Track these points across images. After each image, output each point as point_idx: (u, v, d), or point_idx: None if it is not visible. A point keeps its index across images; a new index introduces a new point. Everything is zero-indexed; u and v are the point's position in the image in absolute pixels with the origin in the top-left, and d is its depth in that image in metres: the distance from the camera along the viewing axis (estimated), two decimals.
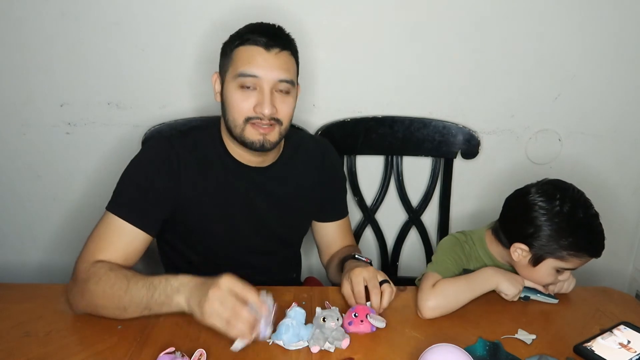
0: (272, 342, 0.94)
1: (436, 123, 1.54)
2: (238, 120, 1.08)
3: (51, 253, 1.65)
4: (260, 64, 1.06)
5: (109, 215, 1.06)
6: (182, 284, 0.93)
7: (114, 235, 1.04)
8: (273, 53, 1.06)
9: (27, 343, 0.93)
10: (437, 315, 1.05)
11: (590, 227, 1.06)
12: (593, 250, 1.07)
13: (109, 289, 0.96)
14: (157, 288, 0.94)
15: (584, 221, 1.06)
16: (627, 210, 1.73)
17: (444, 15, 1.47)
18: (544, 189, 1.09)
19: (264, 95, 1.06)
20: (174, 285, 0.93)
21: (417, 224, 1.65)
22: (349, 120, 1.53)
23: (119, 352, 0.91)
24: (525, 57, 1.52)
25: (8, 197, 1.59)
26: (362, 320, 0.98)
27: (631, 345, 0.97)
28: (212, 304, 0.86)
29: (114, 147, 1.53)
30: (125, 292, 0.95)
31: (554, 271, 1.10)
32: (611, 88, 1.58)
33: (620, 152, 1.66)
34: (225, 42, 1.13)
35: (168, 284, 0.94)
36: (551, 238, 1.06)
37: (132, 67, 1.46)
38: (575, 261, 1.07)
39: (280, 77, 1.07)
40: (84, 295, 0.98)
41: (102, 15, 1.41)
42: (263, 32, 1.07)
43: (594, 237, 1.07)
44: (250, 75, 1.06)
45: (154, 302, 0.94)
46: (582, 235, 1.05)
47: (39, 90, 1.47)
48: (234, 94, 1.08)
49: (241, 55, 1.07)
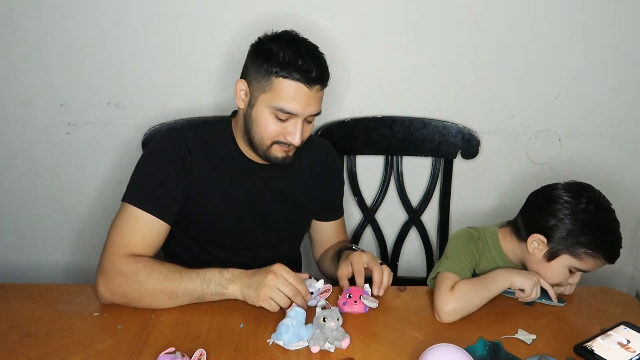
0: (272, 342, 0.95)
1: (436, 123, 1.54)
2: (266, 141, 1.12)
3: (51, 253, 1.65)
4: (301, 102, 1.07)
5: (127, 207, 1.08)
6: (235, 276, 1.03)
7: (135, 225, 1.07)
8: (314, 91, 1.08)
9: (27, 343, 0.93)
10: (455, 319, 1.04)
11: (611, 229, 1.08)
12: (610, 252, 1.08)
13: (163, 281, 1.02)
14: (212, 280, 1.03)
15: (606, 222, 1.08)
16: (627, 210, 1.73)
17: (444, 16, 1.47)
18: (572, 187, 1.11)
19: (296, 128, 1.10)
20: (227, 277, 1.03)
21: (417, 224, 1.65)
22: (349, 120, 1.53)
23: (120, 352, 0.92)
24: (525, 57, 1.52)
25: (8, 197, 1.59)
26: (355, 301, 1.03)
27: (631, 345, 0.97)
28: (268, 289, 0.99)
29: (113, 147, 1.53)
30: (179, 283, 1.02)
31: (567, 270, 1.10)
32: (611, 88, 1.58)
33: (620, 152, 1.66)
34: (260, 55, 1.08)
35: (222, 276, 1.03)
36: (571, 233, 1.06)
37: (132, 67, 1.46)
38: (589, 262, 1.08)
39: (314, 112, 1.11)
40: (131, 286, 1.02)
41: (102, 15, 1.41)
42: (309, 70, 1.05)
43: (614, 240, 1.08)
44: (288, 112, 1.08)
45: (209, 293, 1.03)
46: (602, 236, 1.07)
47: (39, 90, 1.47)
48: (266, 117, 1.09)
49: (283, 88, 1.06)
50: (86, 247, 1.64)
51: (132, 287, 1.02)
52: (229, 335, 0.96)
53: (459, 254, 1.12)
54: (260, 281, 1.00)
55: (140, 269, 1.02)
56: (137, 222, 1.07)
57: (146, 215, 1.07)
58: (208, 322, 1.00)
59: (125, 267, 1.03)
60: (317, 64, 1.08)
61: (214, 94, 1.49)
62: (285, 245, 1.31)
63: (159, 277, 1.02)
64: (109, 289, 1.03)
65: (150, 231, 1.08)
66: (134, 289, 1.02)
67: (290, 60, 1.05)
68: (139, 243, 1.06)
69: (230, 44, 1.44)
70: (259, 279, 1.01)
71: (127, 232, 1.07)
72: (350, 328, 1.00)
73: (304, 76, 1.05)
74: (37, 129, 1.51)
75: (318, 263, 1.40)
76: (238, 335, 0.96)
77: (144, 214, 1.07)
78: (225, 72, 1.46)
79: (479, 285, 1.08)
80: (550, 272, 1.10)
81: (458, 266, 1.10)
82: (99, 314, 1.02)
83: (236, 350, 0.92)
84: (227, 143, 1.19)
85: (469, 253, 1.13)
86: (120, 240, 1.06)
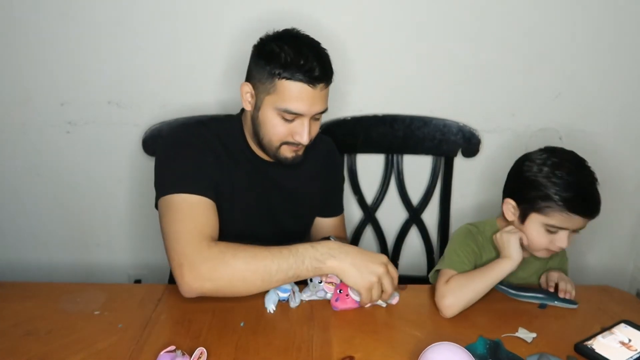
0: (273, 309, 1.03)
1: (437, 121, 1.54)
2: (275, 142, 1.12)
3: (51, 252, 1.66)
4: (306, 102, 1.06)
5: (173, 198, 1.03)
6: (334, 250, 1.01)
7: (193, 210, 1.03)
8: (318, 90, 1.07)
9: (28, 342, 0.93)
10: (456, 311, 1.04)
11: (573, 180, 1.05)
12: (571, 203, 1.03)
13: (252, 260, 0.97)
14: (306, 256, 0.99)
15: (566, 172, 1.05)
16: (628, 208, 1.73)
17: (444, 14, 1.47)
18: (543, 149, 1.12)
19: (304, 127, 1.09)
20: (323, 251, 1.00)
21: (418, 223, 1.65)
22: (350, 118, 1.53)
23: (120, 350, 0.92)
24: (526, 56, 1.52)
25: (8, 196, 1.59)
26: (347, 295, 1.05)
27: (632, 344, 0.97)
28: (376, 280, 1.00)
29: (114, 146, 1.53)
30: (271, 261, 0.98)
31: (543, 229, 1.08)
32: (612, 86, 1.58)
33: (621, 151, 1.65)
34: (263, 57, 1.08)
35: (316, 251, 1.00)
36: (531, 187, 1.06)
37: (132, 66, 1.46)
38: (558, 216, 1.05)
39: (320, 110, 1.10)
40: (219, 271, 0.96)
41: (102, 15, 1.41)
42: (311, 70, 1.04)
43: (575, 190, 1.04)
44: (294, 113, 1.07)
45: (305, 269, 0.99)
46: (562, 186, 1.04)
47: (39, 89, 1.47)
48: (273, 119, 1.09)
49: (287, 89, 1.05)
50: (87, 246, 1.65)
51: (221, 270, 0.96)
52: (230, 334, 0.97)
53: (457, 250, 1.14)
54: (373, 268, 1.00)
55: (223, 250, 0.98)
56: (193, 207, 1.03)
57: (197, 198, 1.04)
58: (209, 320, 1.00)
59: (207, 252, 0.97)
60: (319, 62, 1.07)
61: (214, 92, 1.49)
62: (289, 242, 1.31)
63: (246, 256, 0.97)
64: (197, 278, 0.96)
65: (208, 211, 1.05)
66: (223, 272, 0.96)
67: (292, 61, 1.04)
68: (206, 225, 1.02)
69: (231, 43, 1.44)
70: (370, 264, 1.00)
71: (189, 218, 1.01)
72: (350, 326, 1.01)
73: (307, 76, 1.04)
74: (37, 128, 1.51)
75: None
76: (239, 334, 0.96)
77: (194, 197, 1.03)
78: (226, 70, 1.46)
79: (475, 275, 1.08)
80: (530, 236, 1.10)
81: (455, 261, 1.12)
82: (100, 312, 1.02)
83: (236, 349, 0.92)
84: (239, 140, 1.18)
85: (468, 248, 1.14)
86: (188, 228, 1.00)
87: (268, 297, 1.05)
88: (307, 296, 1.08)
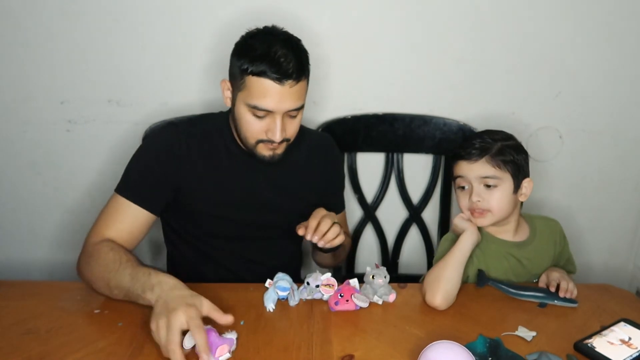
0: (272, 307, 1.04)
1: (437, 120, 1.54)
2: (250, 140, 1.13)
3: (52, 250, 1.66)
4: (274, 98, 1.06)
5: (116, 196, 1.14)
6: (159, 283, 0.93)
7: (120, 214, 1.12)
8: (287, 86, 1.06)
9: (28, 340, 0.93)
10: (442, 300, 1.05)
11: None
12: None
13: (103, 269, 1.01)
14: (138, 281, 0.95)
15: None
16: (628, 207, 1.73)
17: (444, 13, 1.46)
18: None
19: (275, 124, 1.09)
20: (152, 281, 0.94)
21: (418, 222, 1.65)
22: (350, 117, 1.53)
23: (121, 349, 0.92)
24: (526, 55, 1.52)
25: (9, 194, 1.59)
26: (347, 300, 1.05)
27: (631, 342, 0.97)
28: (159, 319, 0.86)
29: (114, 144, 1.53)
30: (114, 275, 1.00)
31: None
32: (612, 85, 1.58)
33: (621, 149, 1.65)
34: (236, 53, 1.10)
35: (148, 279, 0.94)
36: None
37: (132, 65, 1.46)
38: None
39: (292, 107, 1.09)
40: (86, 269, 1.05)
41: (102, 12, 1.40)
42: (277, 65, 1.04)
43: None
44: (262, 109, 1.07)
45: (132, 293, 0.96)
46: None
47: (39, 87, 1.47)
48: (245, 115, 1.10)
49: (254, 86, 1.06)
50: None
51: (87, 269, 1.05)
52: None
53: (439, 255, 1.17)
54: (171, 307, 0.87)
55: (96, 252, 1.05)
56: (122, 211, 1.11)
57: (131, 205, 1.12)
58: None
59: (91, 249, 1.06)
60: (288, 58, 1.05)
61: (214, 90, 1.49)
62: (285, 240, 1.31)
63: (101, 264, 1.02)
64: (78, 269, 1.08)
65: (134, 220, 1.12)
66: (88, 271, 1.04)
67: (259, 57, 1.05)
68: (119, 230, 1.10)
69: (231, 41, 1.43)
70: (172, 303, 0.87)
71: (110, 219, 1.11)
72: (351, 325, 1.01)
73: (273, 72, 1.04)
74: (37, 127, 1.51)
75: (312, 255, 1.41)
76: (239, 333, 0.96)
77: (129, 204, 1.12)
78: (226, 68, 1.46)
79: (444, 260, 1.12)
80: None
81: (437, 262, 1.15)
82: (100, 311, 1.02)
83: (237, 348, 0.92)
84: (225, 137, 1.20)
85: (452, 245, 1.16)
86: (100, 225, 1.11)
87: (267, 296, 1.05)
88: (305, 295, 1.08)
